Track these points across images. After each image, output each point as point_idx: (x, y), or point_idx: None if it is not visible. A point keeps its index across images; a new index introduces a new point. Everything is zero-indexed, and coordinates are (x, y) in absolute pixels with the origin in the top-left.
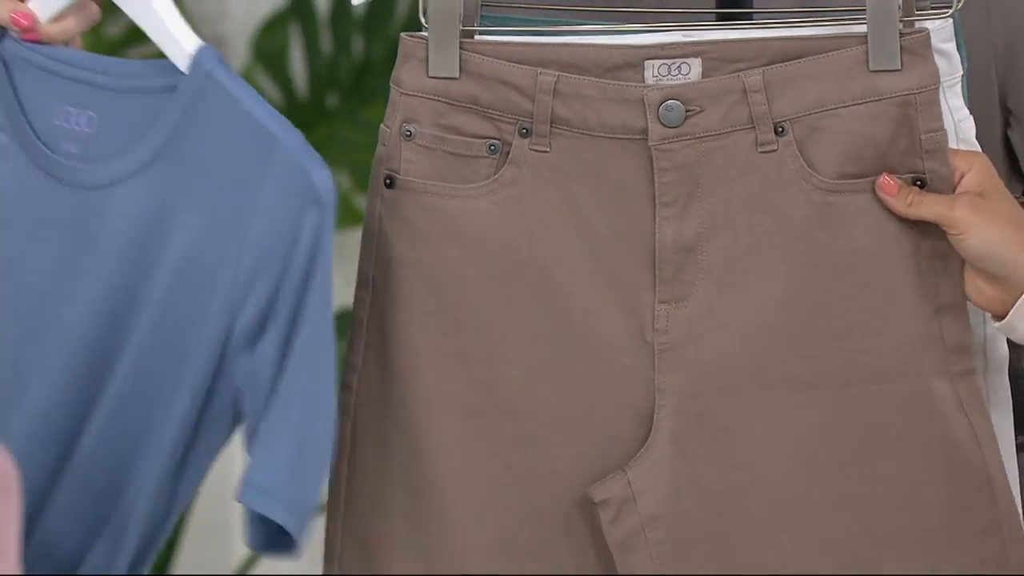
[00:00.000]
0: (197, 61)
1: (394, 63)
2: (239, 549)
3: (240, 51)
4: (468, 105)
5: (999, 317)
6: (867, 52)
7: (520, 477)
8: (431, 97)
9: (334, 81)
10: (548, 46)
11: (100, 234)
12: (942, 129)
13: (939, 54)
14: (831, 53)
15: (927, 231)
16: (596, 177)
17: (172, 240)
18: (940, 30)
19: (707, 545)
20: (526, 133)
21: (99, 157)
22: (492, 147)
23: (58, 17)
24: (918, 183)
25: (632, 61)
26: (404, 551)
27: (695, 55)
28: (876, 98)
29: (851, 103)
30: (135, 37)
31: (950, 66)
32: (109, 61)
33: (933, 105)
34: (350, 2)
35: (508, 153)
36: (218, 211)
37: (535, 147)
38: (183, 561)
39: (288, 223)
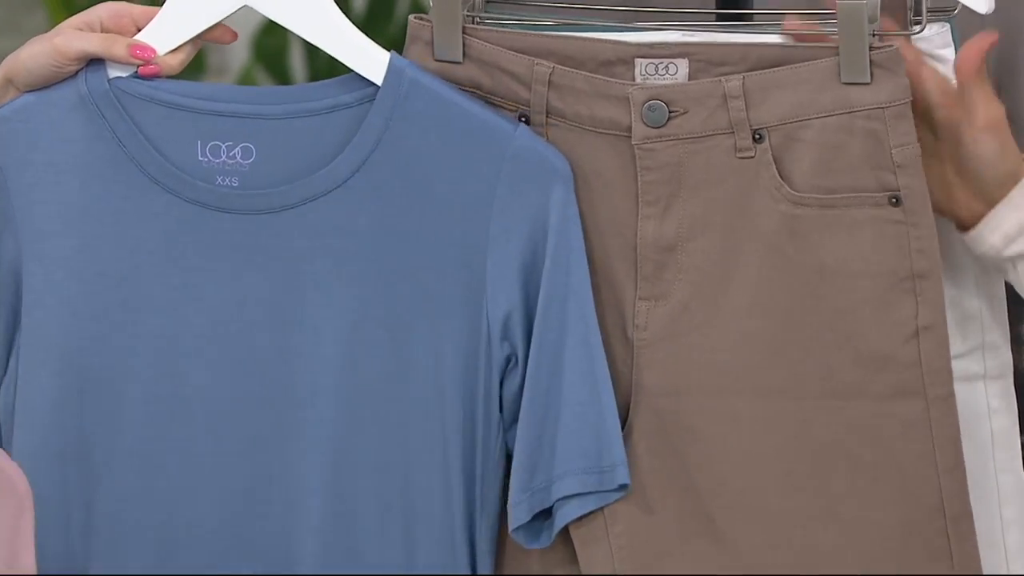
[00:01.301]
0: (395, 68)
1: None
2: None
3: (240, 51)
4: (471, 90)
5: (966, 228)
6: (839, 64)
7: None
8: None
9: None
10: (548, 37)
11: (287, 256)
12: (914, 143)
13: (937, 60)
14: (808, 63)
15: (904, 249)
16: (587, 170)
17: (392, 250)
18: (937, 36)
19: (666, 544)
20: (525, 122)
21: (272, 183)
22: None
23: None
24: (893, 200)
25: (624, 57)
26: None
27: (682, 56)
28: (847, 110)
29: (824, 114)
30: None
31: (948, 71)
32: (257, 91)
33: (903, 119)
34: (360, 1)
35: None
36: (444, 214)
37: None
38: None
39: (537, 208)
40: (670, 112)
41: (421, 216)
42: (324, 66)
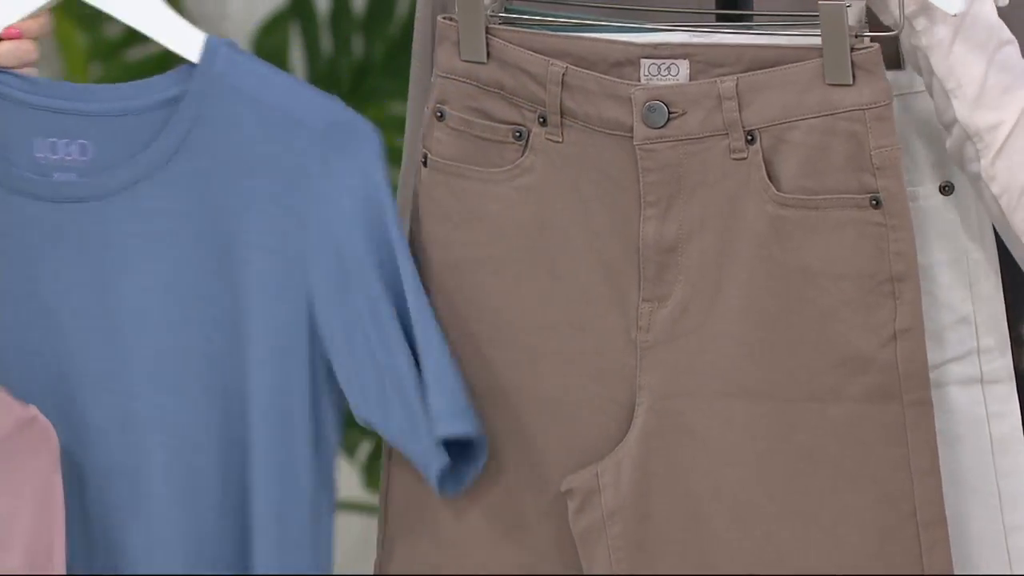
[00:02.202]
0: (210, 48)
1: (394, 63)
2: None
3: None
4: (495, 90)
5: None
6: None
7: (511, 463)
8: (462, 80)
9: (334, 81)
10: (565, 38)
11: (116, 241)
12: (893, 146)
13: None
14: (796, 64)
15: (884, 252)
16: (597, 171)
17: (213, 229)
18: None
19: (661, 545)
20: (543, 122)
21: (100, 172)
22: (518, 133)
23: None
24: (873, 202)
25: (631, 58)
26: (387, 528)
27: (684, 57)
28: (829, 112)
29: (809, 116)
30: (135, 37)
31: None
32: (95, 88)
33: (884, 121)
34: (360, 1)
35: (529, 140)
36: (262, 191)
37: (550, 136)
38: None
39: (352, 179)
40: (670, 113)
41: (239, 194)
42: (324, 66)
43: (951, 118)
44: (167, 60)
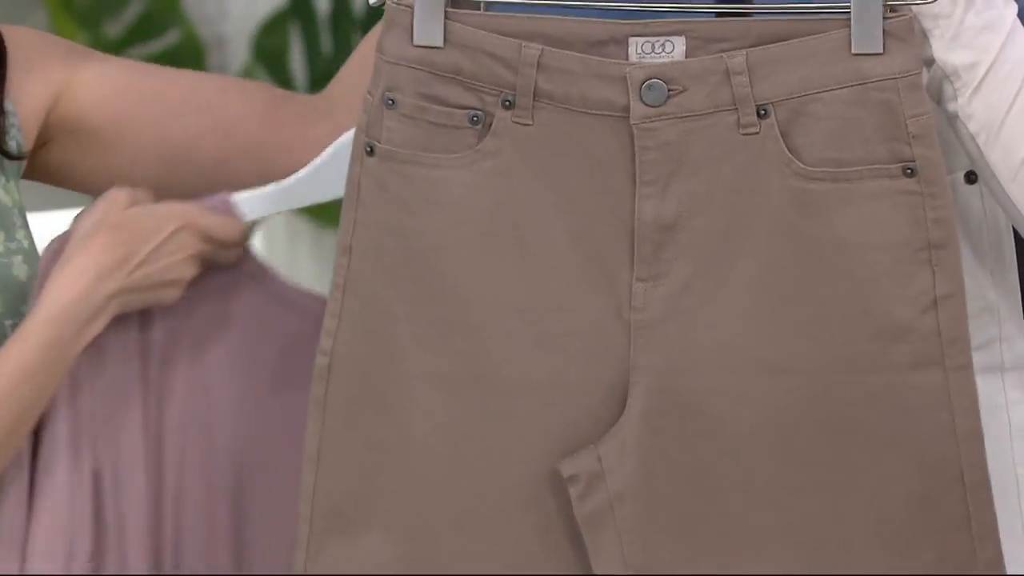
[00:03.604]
0: None
1: None
2: None
3: (240, 51)
4: (451, 75)
5: None
6: (850, 35)
7: (490, 449)
8: (414, 66)
9: None
10: (534, 19)
11: None
12: (927, 113)
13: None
14: (815, 36)
15: (920, 220)
16: (577, 153)
17: None
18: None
19: (673, 525)
20: (509, 105)
21: None
22: (474, 118)
23: None
24: (908, 171)
25: (616, 37)
26: (368, 515)
27: (679, 33)
28: (859, 82)
29: (834, 87)
30: (135, 37)
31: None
32: None
33: (916, 90)
34: (360, 1)
35: (491, 125)
36: None
37: (517, 120)
38: None
39: None
40: (669, 90)
41: None
42: (324, 66)
43: (928, 56)
44: (167, 60)
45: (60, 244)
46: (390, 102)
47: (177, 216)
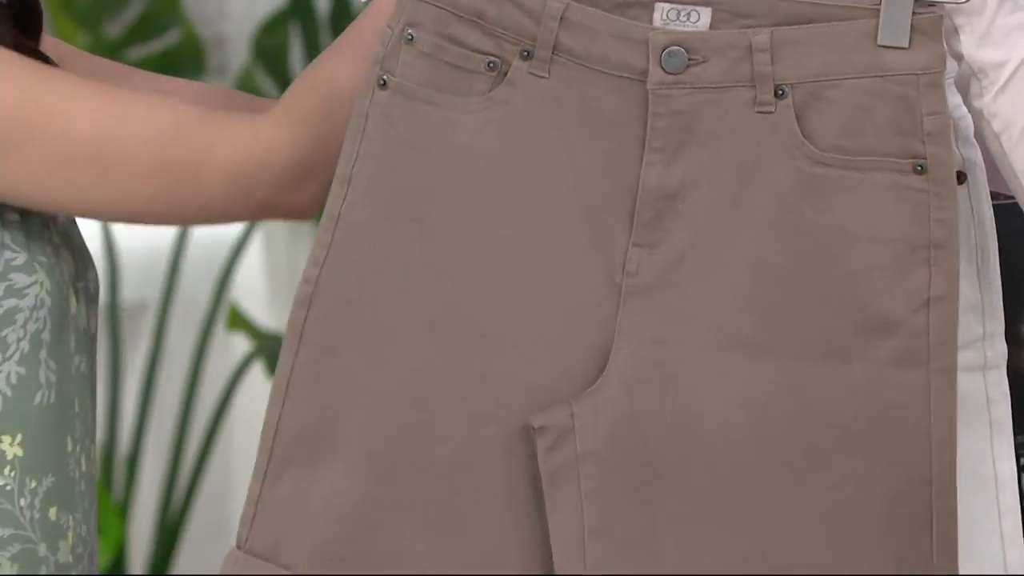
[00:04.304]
0: None
1: None
2: None
3: (240, 51)
4: (473, 18)
5: None
6: (877, 25)
7: (464, 396)
8: (437, 4)
9: None
10: None
11: None
12: (945, 112)
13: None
14: (841, 22)
15: (924, 218)
16: (590, 111)
17: None
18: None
19: (636, 492)
20: (527, 56)
21: None
22: (491, 64)
23: None
24: (918, 168)
25: (643, 0)
26: (332, 449)
27: (705, 4)
28: (880, 74)
29: (854, 76)
30: (135, 37)
31: (949, 61)
32: None
33: (937, 88)
34: (360, 1)
35: (506, 73)
36: None
37: (533, 71)
38: (183, 561)
39: None
40: (689, 60)
41: None
42: None
43: (957, 52)
44: (167, 60)
45: None
46: (409, 37)
47: None
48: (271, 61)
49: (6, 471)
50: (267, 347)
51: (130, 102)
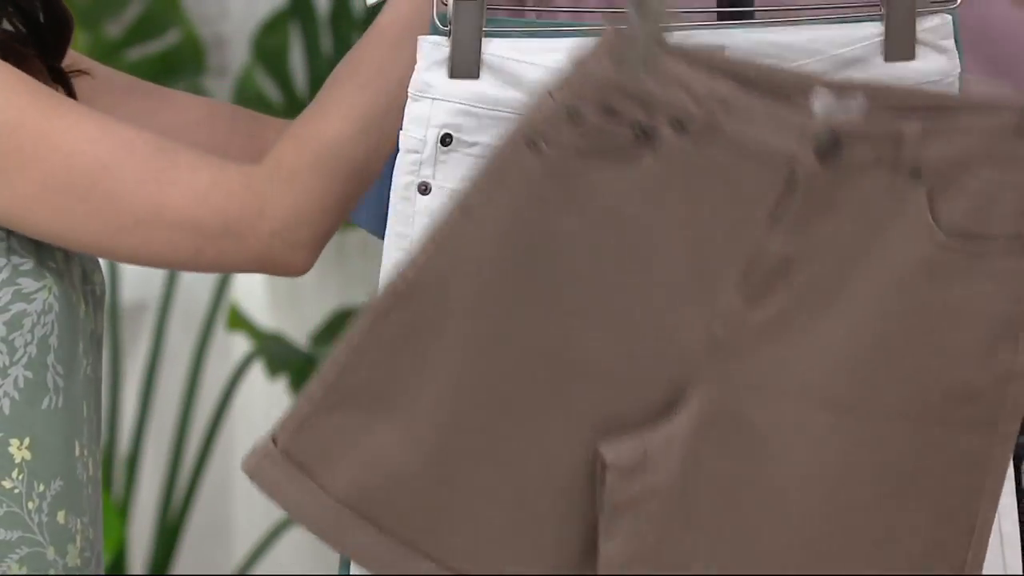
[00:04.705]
0: None
1: None
2: (239, 549)
3: (240, 51)
4: (639, 95)
5: None
6: (1019, 121)
7: (537, 403)
8: (606, 83)
9: None
10: (727, 58)
11: None
12: None
13: (939, 51)
14: (987, 113)
15: (1020, 295)
16: (729, 186)
17: None
18: (940, 27)
19: (694, 532)
20: (679, 128)
21: None
22: (643, 134)
23: None
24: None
25: (802, 87)
26: (394, 414)
27: (861, 91)
28: (1015, 163)
29: (989, 165)
30: (135, 37)
31: (950, 64)
32: None
33: None
34: (360, 1)
35: (656, 144)
36: None
37: (684, 146)
38: (183, 561)
39: None
40: (841, 146)
41: None
42: (325, 66)
43: None
44: (167, 60)
45: None
46: (574, 111)
47: None
48: (271, 61)
49: (14, 474)
50: (267, 347)
51: (131, 139)
